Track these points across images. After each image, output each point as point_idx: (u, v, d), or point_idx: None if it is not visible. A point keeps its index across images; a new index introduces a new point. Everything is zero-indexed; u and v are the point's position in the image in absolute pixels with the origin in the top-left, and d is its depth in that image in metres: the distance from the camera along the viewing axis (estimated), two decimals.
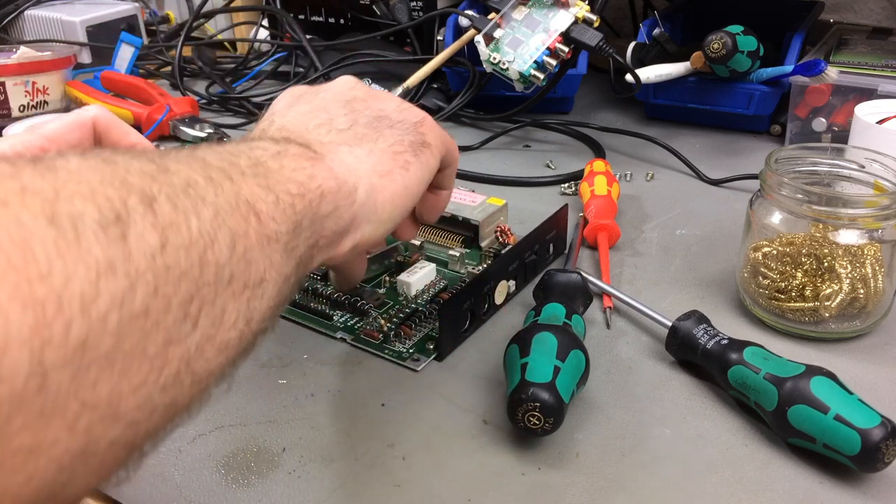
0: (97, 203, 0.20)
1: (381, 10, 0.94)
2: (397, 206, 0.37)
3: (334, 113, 0.38)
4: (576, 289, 0.47)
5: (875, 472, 0.36)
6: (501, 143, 0.79)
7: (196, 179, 0.25)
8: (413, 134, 0.39)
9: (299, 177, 0.31)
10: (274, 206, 0.28)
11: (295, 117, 0.37)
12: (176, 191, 0.23)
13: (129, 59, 0.91)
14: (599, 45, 0.70)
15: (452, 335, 0.46)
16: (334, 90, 0.40)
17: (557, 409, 0.37)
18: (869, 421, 0.35)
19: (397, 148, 0.37)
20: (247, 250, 0.25)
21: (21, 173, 0.20)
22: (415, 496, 0.36)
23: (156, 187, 0.23)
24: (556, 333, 0.40)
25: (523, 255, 0.52)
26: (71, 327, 0.18)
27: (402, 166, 0.37)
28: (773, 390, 0.38)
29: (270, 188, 0.28)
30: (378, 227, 0.36)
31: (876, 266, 0.45)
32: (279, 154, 0.31)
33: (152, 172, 0.23)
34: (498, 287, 0.49)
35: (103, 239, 0.20)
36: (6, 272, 0.17)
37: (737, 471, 0.38)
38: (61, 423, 0.19)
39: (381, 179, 0.36)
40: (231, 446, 0.39)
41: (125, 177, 0.22)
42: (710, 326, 0.44)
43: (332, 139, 0.36)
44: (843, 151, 0.50)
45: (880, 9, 0.96)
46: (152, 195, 0.22)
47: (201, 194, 0.24)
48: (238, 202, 0.26)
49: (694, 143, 0.78)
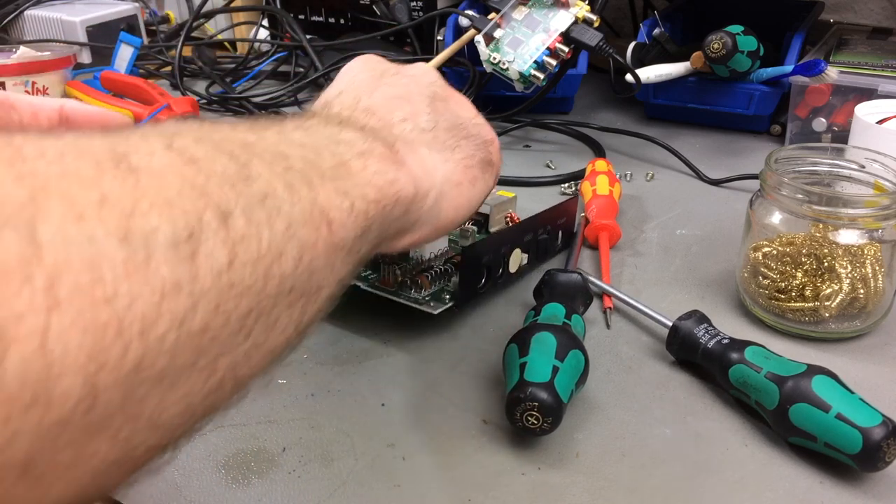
0: (172, 218, 0.20)
1: (381, 10, 0.94)
2: (458, 217, 0.38)
3: (418, 107, 0.38)
4: (576, 289, 0.47)
5: (876, 471, 0.36)
6: (501, 143, 0.79)
7: (275, 188, 0.24)
8: (484, 151, 0.40)
9: (379, 181, 0.30)
10: (347, 214, 0.27)
11: (382, 102, 0.37)
12: (252, 202, 0.23)
13: (128, 59, 0.91)
14: (599, 45, 0.70)
15: (472, 284, 0.47)
16: (417, 79, 0.39)
17: (556, 408, 0.37)
18: (870, 420, 0.35)
19: (469, 162, 0.38)
20: (312, 261, 0.25)
21: (101, 179, 0.19)
22: (415, 496, 0.36)
23: (234, 199, 0.22)
24: (556, 333, 0.40)
25: (537, 230, 0.53)
26: (128, 350, 0.18)
27: (471, 181, 0.38)
28: (775, 389, 0.38)
29: (347, 193, 0.28)
30: (435, 233, 0.37)
31: (876, 266, 0.45)
32: (364, 154, 0.30)
33: (233, 178, 0.23)
34: (513, 254, 0.50)
35: (173, 258, 0.19)
36: (72, 296, 0.17)
37: (737, 471, 0.38)
38: (105, 437, 0.18)
39: (450, 188, 0.37)
40: (231, 446, 0.39)
41: (205, 185, 0.21)
42: (710, 326, 0.44)
43: (415, 138, 0.36)
44: (843, 151, 0.50)
45: (880, 9, 0.96)
46: (228, 210, 0.21)
47: (277, 205, 0.24)
48: (313, 211, 0.25)
49: (694, 143, 0.78)
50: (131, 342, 0.18)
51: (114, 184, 0.19)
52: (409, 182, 0.33)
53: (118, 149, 0.20)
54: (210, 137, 0.24)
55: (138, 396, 0.19)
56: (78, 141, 0.20)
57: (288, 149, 0.27)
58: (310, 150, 0.28)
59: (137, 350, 0.18)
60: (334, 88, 0.38)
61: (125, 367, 0.18)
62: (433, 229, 0.37)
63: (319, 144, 0.29)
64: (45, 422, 0.17)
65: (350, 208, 0.28)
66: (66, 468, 0.18)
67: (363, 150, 0.31)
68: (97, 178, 0.19)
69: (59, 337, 0.16)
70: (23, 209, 0.17)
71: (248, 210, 0.22)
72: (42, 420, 0.17)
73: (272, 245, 0.23)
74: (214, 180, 0.22)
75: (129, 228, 0.18)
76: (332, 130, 0.31)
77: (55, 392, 0.17)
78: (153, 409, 0.19)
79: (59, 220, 0.17)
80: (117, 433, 0.19)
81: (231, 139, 0.25)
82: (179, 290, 0.19)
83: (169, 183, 0.20)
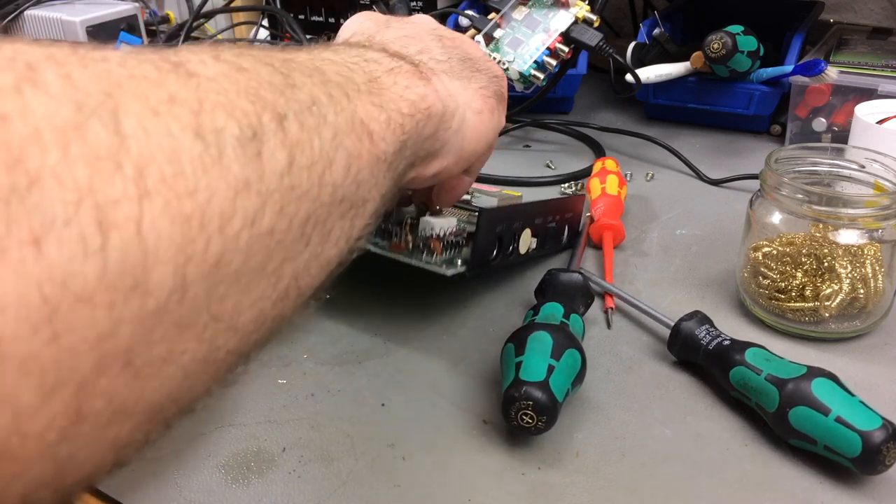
0: (236, 118, 0.20)
1: (381, 10, 0.94)
2: (480, 145, 0.38)
3: (430, 44, 0.38)
4: (576, 288, 0.47)
5: (876, 474, 0.36)
6: (501, 143, 0.79)
7: (319, 97, 0.25)
8: (496, 84, 0.40)
9: (411, 95, 0.31)
10: (385, 126, 0.28)
11: (394, 38, 0.37)
12: (302, 108, 0.23)
13: None
14: (599, 45, 0.70)
15: (486, 251, 0.46)
16: (421, 23, 0.40)
17: (550, 407, 0.37)
18: (870, 423, 0.35)
19: (485, 92, 0.39)
20: (359, 171, 0.26)
21: (166, 80, 0.20)
22: (415, 496, 0.36)
23: (285, 104, 0.23)
24: (552, 332, 0.40)
25: (546, 216, 0.52)
26: (210, 244, 0.18)
27: (490, 110, 0.39)
28: (775, 391, 0.38)
29: (383, 106, 0.29)
30: (460, 161, 0.37)
31: (876, 266, 0.45)
32: (393, 71, 0.31)
33: (281, 86, 0.23)
34: (523, 235, 0.49)
35: (241, 156, 0.20)
36: (159, 187, 0.17)
37: (737, 471, 0.38)
38: (192, 334, 0.19)
39: (473, 115, 0.37)
40: (231, 446, 0.39)
41: (258, 90, 0.22)
42: (712, 327, 0.44)
43: (434, 66, 0.37)
44: (843, 151, 0.50)
45: (880, 9, 0.96)
46: (283, 113, 0.22)
47: (324, 112, 0.25)
48: (354, 122, 0.26)
49: (694, 143, 0.78)
50: (212, 237, 0.19)
51: (178, 84, 0.20)
52: (437, 99, 0.33)
53: (172, 58, 0.21)
54: (250, 53, 0.25)
55: (219, 294, 0.19)
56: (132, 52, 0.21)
57: (322, 64, 0.28)
58: (342, 66, 0.29)
59: (218, 245, 0.19)
60: (343, 34, 0.39)
61: (208, 262, 0.18)
62: (458, 157, 0.37)
63: (350, 62, 0.30)
64: (143, 310, 0.17)
65: (387, 121, 0.28)
66: (161, 363, 0.18)
67: (391, 67, 0.31)
68: (162, 79, 0.19)
69: (151, 225, 0.17)
70: (104, 103, 0.17)
71: (300, 115, 0.23)
72: (141, 308, 0.17)
73: (323, 151, 0.24)
74: (265, 86, 0.23)
75: (201, 125, 0.19)
76: (359, 51, 0.31)
77: (152, 280, 0.17)
78: (232, 310, 0.20)
79: (138, 113, 0.18)
80: (203, 331, 0.19)
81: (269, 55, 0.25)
82: (249, 189, 0.20)
83: (226, 87, 0.21)
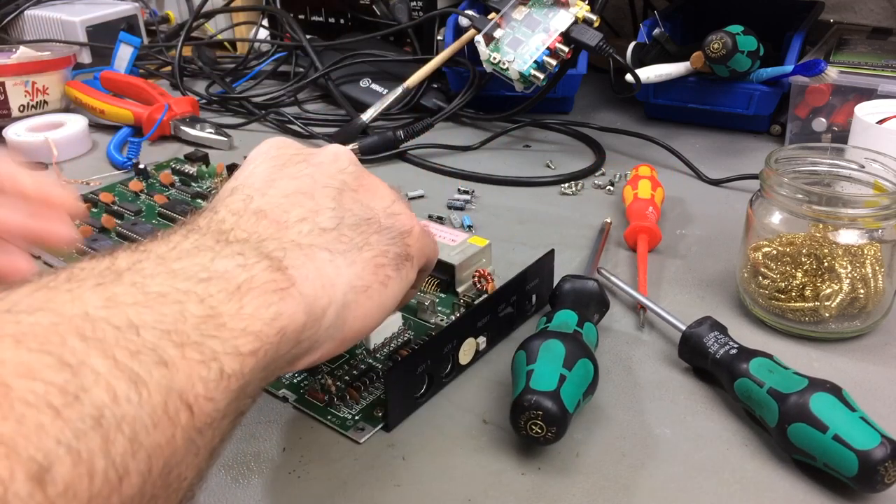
0: None
1: (381, 10, 0.94)
2: (367, 324, 0.34)
3: (321, 203, 0.34)
4: (590, 296, 0.46)
5: (875, 492, 0.35)
6: (501, 143, 0.79)
7: (115, 392, 0.21)
8: (399, 245, 0.36)
9: (256, 324, 0.27)
10: (215, 384, 0.24)
11: (276, 200, 0.33)
12: (81, 432, 0.20)
13: (128, 59, 0.91)
14: (599, 45, 0.70)
15: (403, 403, 0.41)
16: (324, 168, 0.36)
17: (560, 418, 0.36)
18: (868, 442, 0.34)
19: (380, 260, 0.34)
20: (166, 463, 0.22)
21: None
22: (415, 496, 0.36)
23: (54, 440, 0.19)
24: (565, 341, 0.39)
25: (496, 308, 0.46)
26: None
27: (382, 281, 0.34)
28: (775, 406, 0.37)
29: (216, 356, 0.25)
30: (340, 346, 0.33)
31: (876, 266, 0.45)
32: (240, 289, 0.27)
33: (59, 402, 0.20)
34: (463, 345, 0.43)
35: None
36: None
37: (737, 471, 0.38)
38: None
39: (356, 296, 0.33)
40: (231, 446, 0.39)
41: (14, 435, 0.19)
42: (721, 334, 0.43)
43: (312, 241, 0.32)
44: (843, 151, 0.50)
45: (880, 9, 0.96)
46: (46, 463, 0.19)
47: (117, 419, 0.21)
48: (167, 402, 0.23)
49: (694, 143, 0.78)
50: None
51: None
52: (298, 309, 0.29)
53: None
54: (41, 323, 0.21)
55: None
56: None
57: (143, 313, 0.24)
58: (173, 299, 0.25)
59: None
60: (231, 183, 0.35)
61: None
62: (337, 344, 0.33)
63: (184, 292, 0.26)
64: None
65: (218, 375, 0.25)
66: None
67: (241, 281, 0.27)
68: None
69: None
70: None
71: (73, 444, 0.19)
72: None
73: (108, 475, 0.20)
74: (37, 409, 0.19)
75: None
76: (206, 259, 0.27)
77: None
78: None
79: None
80: None
81: (70, 315, 0.22)
82: None
83: None
